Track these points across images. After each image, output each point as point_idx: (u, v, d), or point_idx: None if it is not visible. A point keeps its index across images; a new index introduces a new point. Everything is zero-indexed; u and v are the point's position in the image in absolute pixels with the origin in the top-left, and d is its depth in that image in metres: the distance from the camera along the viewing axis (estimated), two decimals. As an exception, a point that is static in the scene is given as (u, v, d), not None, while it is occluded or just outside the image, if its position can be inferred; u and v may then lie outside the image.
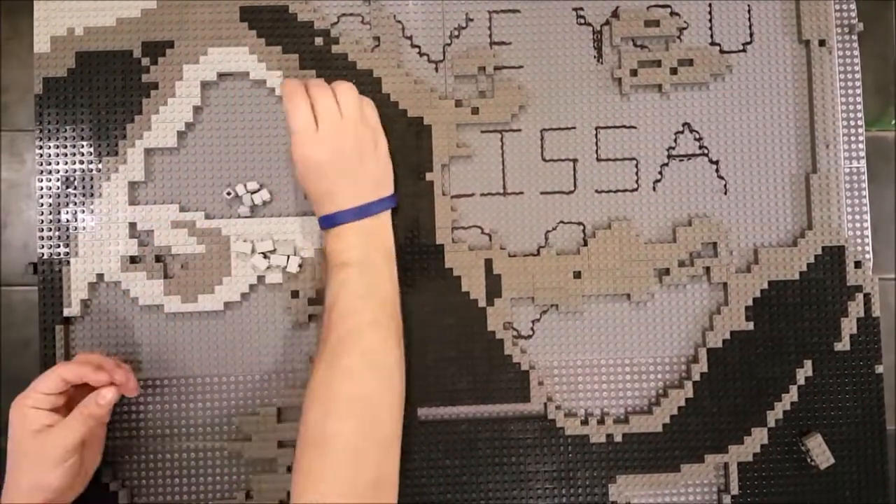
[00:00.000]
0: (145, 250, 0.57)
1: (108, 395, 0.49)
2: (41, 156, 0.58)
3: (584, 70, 0.60)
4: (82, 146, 0.58)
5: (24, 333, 0.58)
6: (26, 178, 0.60)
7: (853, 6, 0.60)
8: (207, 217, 0.58)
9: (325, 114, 0.52)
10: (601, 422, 0.58)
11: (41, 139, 0.58)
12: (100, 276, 0.57)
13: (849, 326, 0.58)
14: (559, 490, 0.57)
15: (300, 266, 0.57)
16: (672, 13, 0.59)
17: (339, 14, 0.59)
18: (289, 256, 0.57)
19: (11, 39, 0.60)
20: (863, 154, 0.60)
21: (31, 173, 0.58)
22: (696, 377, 0.58)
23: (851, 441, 0.58)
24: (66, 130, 0.58)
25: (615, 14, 0.59)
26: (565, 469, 0.57)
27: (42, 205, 0.57)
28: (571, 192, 0.59)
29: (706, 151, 0.60)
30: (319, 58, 0.59)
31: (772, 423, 0.58)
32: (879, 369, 0.58)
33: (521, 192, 0.59)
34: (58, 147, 0.58)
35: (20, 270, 0.60)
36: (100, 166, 0.58)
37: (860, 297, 0.58)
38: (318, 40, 0.59)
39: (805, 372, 0.58)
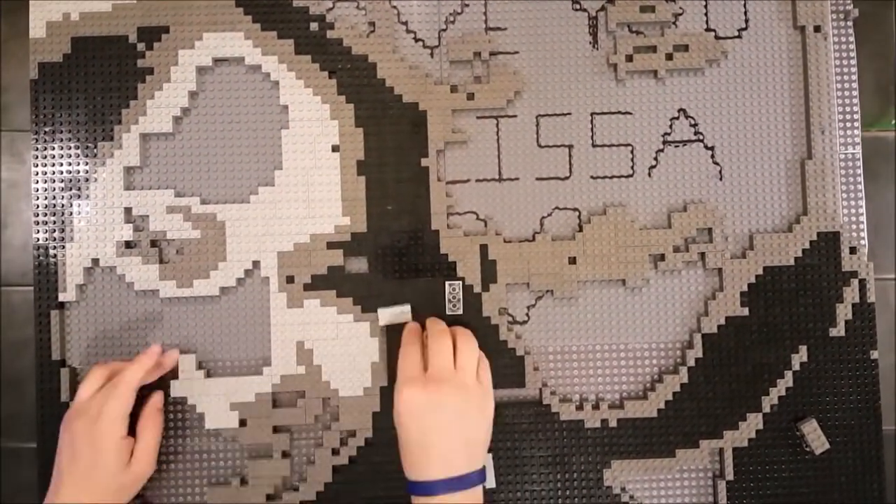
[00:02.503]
0: (141, 235, 0.58)
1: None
2: (36, 141, 0.58)
3: (580, 56, 0.60)
4: (78, 131, 0.58)
5: (24, 333, 0.58)
6: (26, 178, 0.60)
7: (849, -8, 0.60)
8: (203, 202, 0.58)
9: (437, 365, 0.51)
10: (596, 407, 0.58)
11: (36, 124, 0.58)
12: (95, 261, 0.57)
13: (844, 312, 0.58)
14: (554, 475, 0.57)
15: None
16: (667, -1, 0.60)
17: (335, -1, 0.59)
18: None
19: (11, 39, 0.60)
20: (858, 140, 0.60)
21: (31, 173, 0.58)
22: (691, 362, 0.58)
23: (846, 426, 0.58)
24: (61, 115, 0.58)
25: (611, 0, 0.59)
26: (560, 454, 0.57)
27: (38, 189, 0.57)
28: (567, 177, 0.59)
29: (701, 137, 0.60)
30: (315, 43, 0.59)
31: (767, 409, 0.58)
32: (875, 355, 0.58)
33: (517, 178, 0.59)
34: (53, 132, 0.58)
35: (20, 270, 0.60)
36: (95, 151, 0.58)
37: (855, 282, 0.58)
38: (314, 25, 0.59)
39: (800, 357, 0.58)
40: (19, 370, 0.58)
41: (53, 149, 0.58)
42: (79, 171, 0.58)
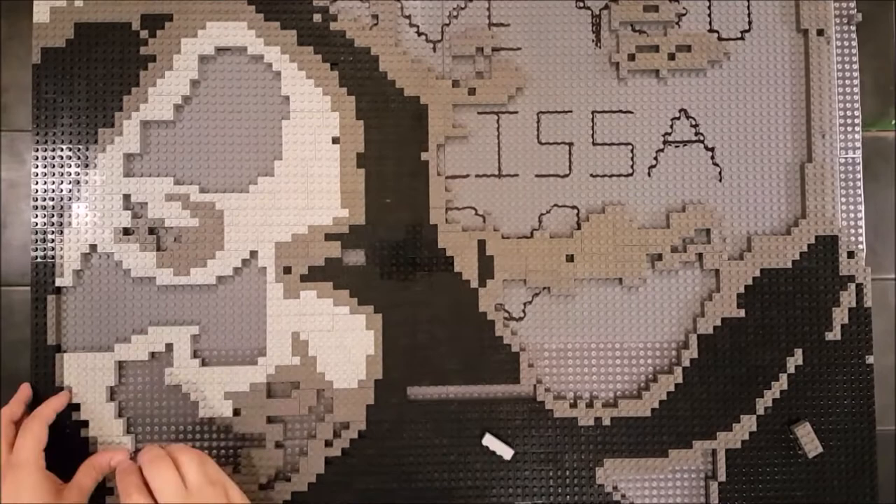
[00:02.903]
0: (139, 222, 0.58)
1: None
2: (37, 125, 0.58)
3: (582, 53, 0.60)
4: (79, 117, 0.58)
5: (24, 333, 0.58)
6: (26, 178, 0.59)
7: (853, -4, 0.60)
8: (202, 191, 0.58)
9: (166, 490, 0.49)
10: (590, 405, 0.58)
11: (37, 108, 0.58)
12: (93, 247, 0.57)
13: (840, 316, 0.58)
14: (546, 472, 0.57)
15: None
16: (671, -1, 0.60)
17: (339, -9, 0.59)
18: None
19: (11, 39, 0.60)
20: (859, 145, 0.60)
21: (31, 159, 0.57)
22: (686, 363, 0.58)
23: (840, 430, 0.58)
24: (62, 101, 0.58)
25: (614, -2, 0.60)
26: (553, 451, 0.57)
27: (37, 174, 0.57)
28: (566, 175, 0.59)
29: (702, 138, 0.60)
30: (317, 34, 0.59)
31: (761, 411, 0.58)
32: (870, 359, 0.58)
33: (516, 175, 0.59)
34: (54, 117, 0.58)
35: (20, 270, 0.59)
36: (95, 137, 0.58)
37: (852, 287, 0.58)
38: (317, 17, 0.59)
39: (795, 360, 0.58)
40: (19, 370, 0.58)
41: (54, 134, 0.58)
42: (78, 157, 0.58)
